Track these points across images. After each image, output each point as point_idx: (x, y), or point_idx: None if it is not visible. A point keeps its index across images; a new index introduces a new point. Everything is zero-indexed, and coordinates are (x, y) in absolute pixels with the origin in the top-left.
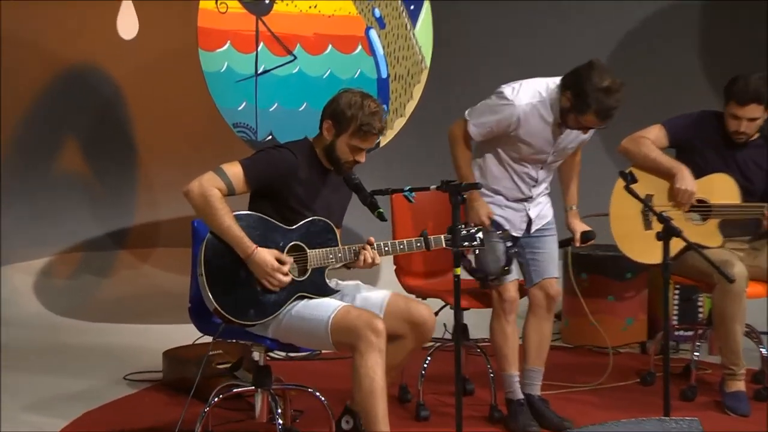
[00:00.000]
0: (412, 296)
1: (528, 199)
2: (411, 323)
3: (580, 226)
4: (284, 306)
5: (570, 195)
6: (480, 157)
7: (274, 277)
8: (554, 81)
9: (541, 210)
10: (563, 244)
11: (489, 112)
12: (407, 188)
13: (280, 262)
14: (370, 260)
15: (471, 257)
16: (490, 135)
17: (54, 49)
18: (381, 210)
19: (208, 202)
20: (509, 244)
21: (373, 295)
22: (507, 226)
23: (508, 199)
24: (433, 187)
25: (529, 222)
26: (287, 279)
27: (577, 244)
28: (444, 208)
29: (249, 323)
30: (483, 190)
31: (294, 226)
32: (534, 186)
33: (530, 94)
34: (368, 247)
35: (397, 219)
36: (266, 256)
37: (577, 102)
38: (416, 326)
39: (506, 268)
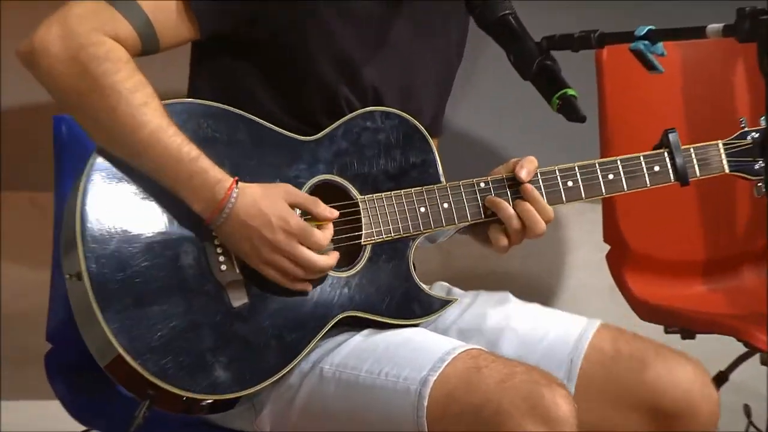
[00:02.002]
0: (651, 334)
1: None
2: (652, 407)
3: None
4: (305, 351)
5: None
6: None
7: (306, 256)
8: None
9: None
10: None
11: None
12: (644, 31)
13: (316, 222)
14: (517, 223)
15: None
16: None
17: None
18: (571, 91)
19: (92, 69)
20: None
21: (545, 328)
22: None
23: None
24: (714, 27)
25: None
26: (333, 261)
27: None
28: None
29: (213, 398)
30: None
31: (319, 134)
32: None
33: None
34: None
35: (612, 113)
36: (273, 199)
37: None
38: (667, 415)
39: None
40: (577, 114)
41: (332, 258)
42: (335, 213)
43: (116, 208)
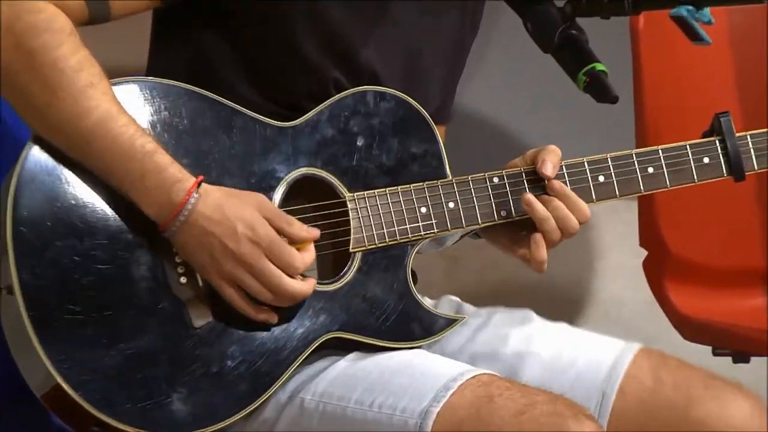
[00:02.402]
0: (697, 356)
1: None
2: None
3: None
4: (281, 379)
5: None
6: None
7: (274, 275)
8: None
9: None
10: None
11: None
12: None
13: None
14: (554, 224)
15: None
16: None
17: None
18: (600, 66)
19: (27, 42)
20: None
21: (573, 354)
22: None
23: None
24: None
25: None
26: (308, 288)
27: None
28: None
29: None
30: None
31: (301, 119)
32: None
33: None
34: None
35: (650, 93)
36: (242, 204)
37: None
38: None
39: None
40: (607, 93)
41: (308, 284)
42: (315, 232)
43: (55, 209)
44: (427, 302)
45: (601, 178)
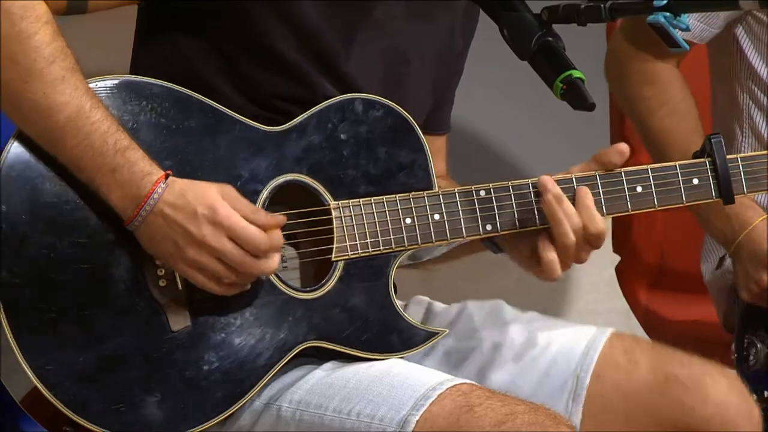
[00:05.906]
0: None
1: None
2: (679, 428)
3: None
4: (258, 386)
5: None
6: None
7: (234, 255)
8: None
9: None
10: None
11: None
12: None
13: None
14: (570, 234)
15: None
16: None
17: None
18: (577, 74)
19: (2, 30)
20: None
21: (546, 339)
22: None
23: None
24: None
25: None
26: (271, 265)
27: None
28: None
29: None
30: None
31: (287, 125)
32: None
33: None
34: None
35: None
36: (204, 189)
37: None
38: None
39: None
40: (584, 101)
41: (271, 261)
42: (278, 219)
43: (36, 206)
44: (407, 315)
45: None
